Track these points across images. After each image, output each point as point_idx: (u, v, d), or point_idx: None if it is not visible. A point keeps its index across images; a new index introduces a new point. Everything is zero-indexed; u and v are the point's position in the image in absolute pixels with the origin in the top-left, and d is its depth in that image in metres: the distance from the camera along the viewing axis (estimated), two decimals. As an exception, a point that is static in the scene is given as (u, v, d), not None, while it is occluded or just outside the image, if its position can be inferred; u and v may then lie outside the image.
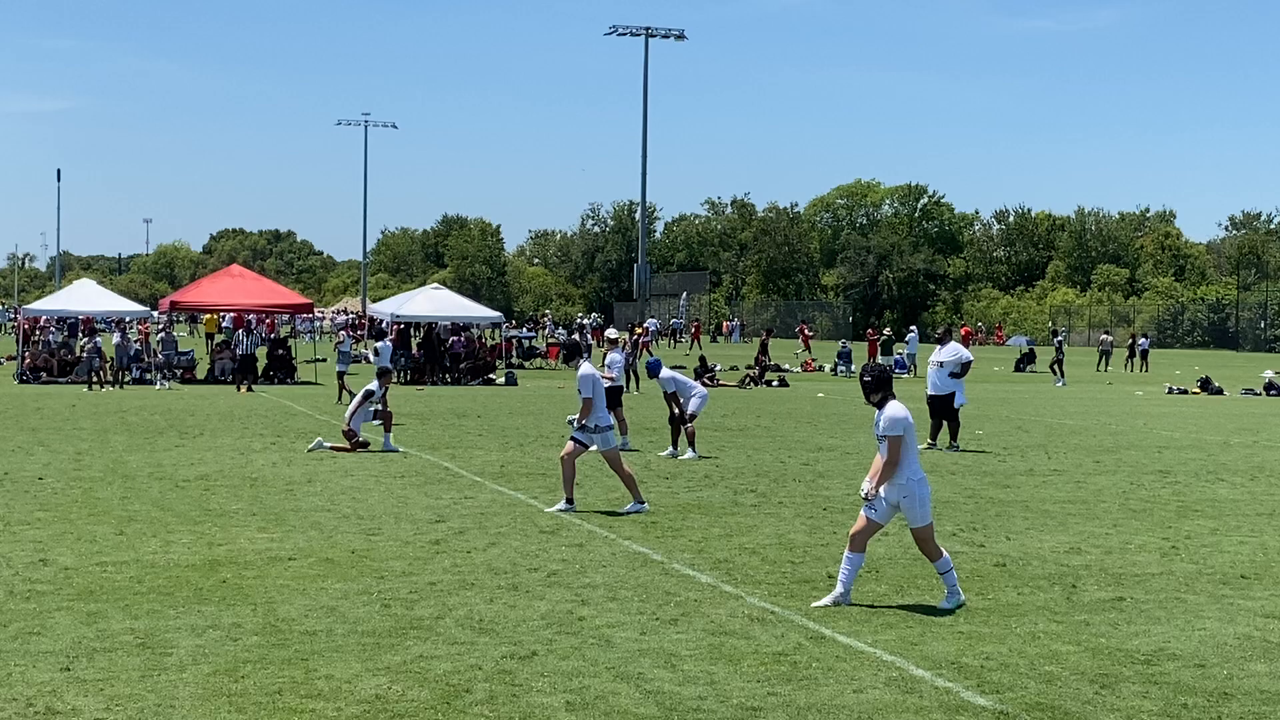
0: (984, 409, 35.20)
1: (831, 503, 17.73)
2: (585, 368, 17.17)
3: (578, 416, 16.85)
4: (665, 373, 23.45)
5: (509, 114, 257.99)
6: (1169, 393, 46.45)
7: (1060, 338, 59.90)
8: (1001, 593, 12.26)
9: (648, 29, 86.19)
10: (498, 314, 53.49)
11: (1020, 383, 52.93)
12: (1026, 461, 23.13)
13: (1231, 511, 17.64)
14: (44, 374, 42.84)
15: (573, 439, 16.80)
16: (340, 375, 35.82)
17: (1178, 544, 15.02)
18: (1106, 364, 64.94)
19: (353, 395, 35.18)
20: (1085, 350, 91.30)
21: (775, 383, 48.12)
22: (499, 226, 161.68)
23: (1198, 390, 47.01)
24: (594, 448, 16.95)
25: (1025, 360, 63.85)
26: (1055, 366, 53.21)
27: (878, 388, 11.82)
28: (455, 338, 48.60)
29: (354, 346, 41.18)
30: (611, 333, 28.78)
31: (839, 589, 11.58)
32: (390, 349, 33.71)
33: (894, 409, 11.60)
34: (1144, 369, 63.58)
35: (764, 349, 53.45)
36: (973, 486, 19.65)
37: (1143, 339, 68.40)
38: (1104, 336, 71.49)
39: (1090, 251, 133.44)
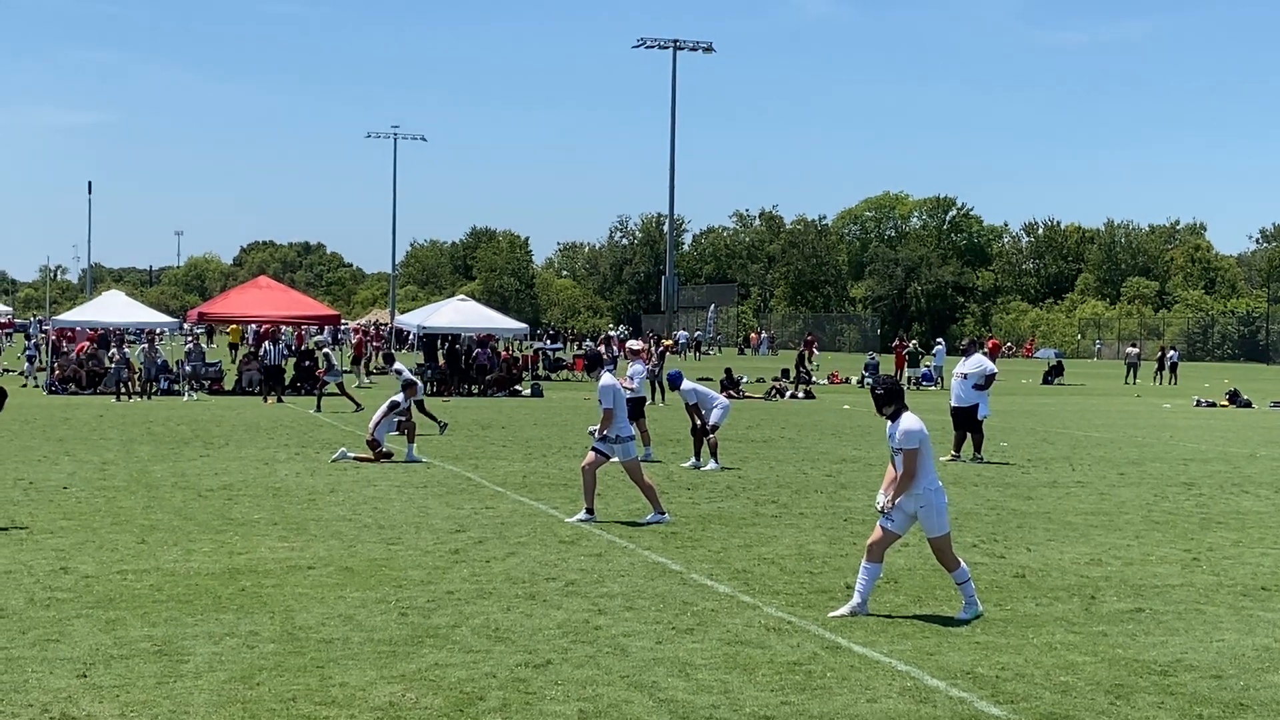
0: (1010, 421, 35.10)
1: (853, 514, 17.71)
2: (606, 378, 17.21)
3: (598, 427, 16.89)
4: (687, 384, 23.46)
5: (538, 126, 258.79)
6: (1197, 405, 46.23)
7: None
8: (1020, 604, 12.23)
9: (676, 42, 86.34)
10: (523, 325, 53.59)
11: (1048, 395, 52.75)
12: (1050, 473, 23.07)
13: (1255, 524, 17.56)
14: (72, 385, 43.06)
15: (594, 449, 16.83)
16: (340, 386, 37.28)
17: (1199, 556, 14.96)
18: (1134, 377, 64.69)
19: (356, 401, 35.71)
20: (1114, 364, 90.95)
21: (801, 395, 48.05)
22: (527, 239, 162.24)
23: (1226, 403, 46.78)
24: (615, 459, 16.98)
25: (1053, 373, 63.64)
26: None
27: (890, 400, 11.79)
28: (480, 349, 48.68)
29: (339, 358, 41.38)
30: (633, 344, 28.78)
31: (856, 599, 11.57)
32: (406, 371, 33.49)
33: (909, 421, 11.58)
34: (1173, 382, 63.30)
35: (803, 359, 52.09)
36: (995, 498, 19.61)
37: (1172, 352, 68.12)
38: (1130, 349, 71.24)
39: (1120, 264, 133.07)
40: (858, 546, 15.03)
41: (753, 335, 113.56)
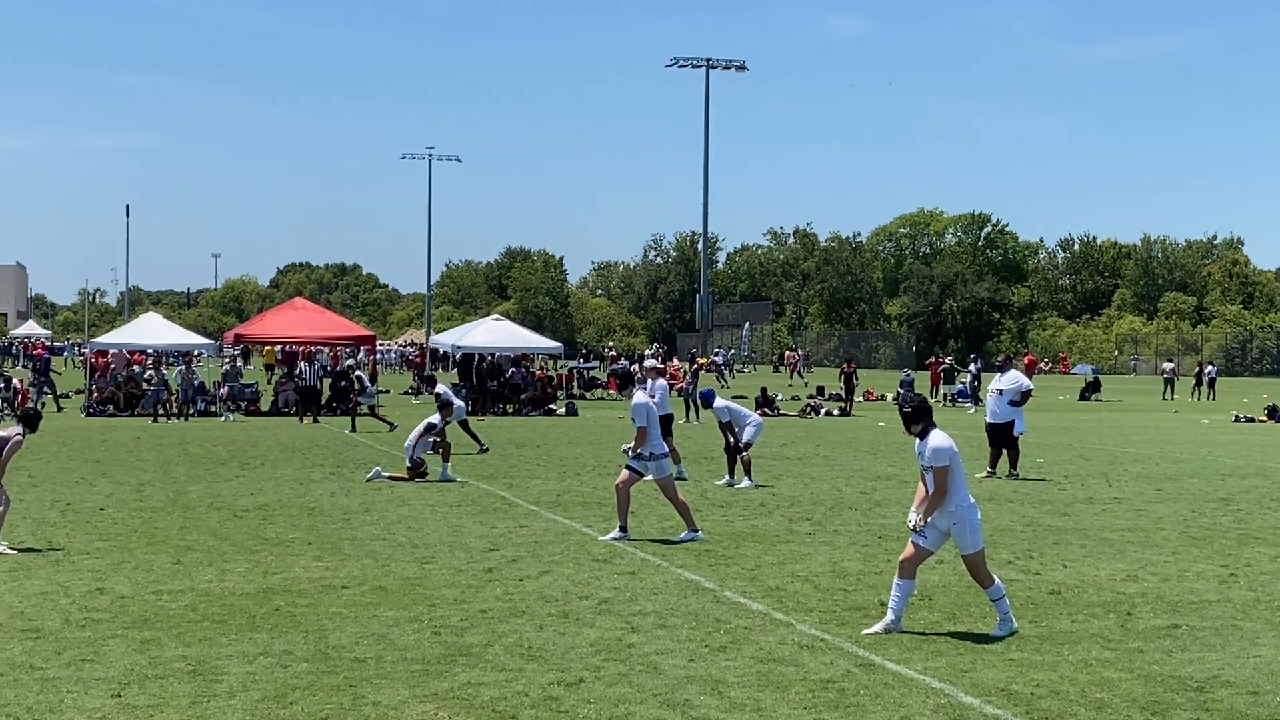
0: (1047, 437, 34.95)
1: (887, 531, 17.65)
2: (639, 396, 17.27)
3: (632, 445, 16.89)
4: (719, 402, 23.44)
5: (572, 146, 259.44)
6: (1235, 421, 45.94)
7: (979, 365, 59.24)
8: (1055, 620, 12.16)
9: (709, 60, 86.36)
10: (557, 345, 53.64)
11: (1085, 411, 52.51)
12: (1087, 490, 22.95)
13: (1294, 539, 17.42)
14: (110, 407, 43.30)
15: (628, 467, 16.83)
16: (371, 409, 37.81)
17: (1237, 571, 14.85)
18: (1172, 392, 64.35)
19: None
20: (1151, 379, 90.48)
21: (835, 412, 47.96)
22: (562, 258, 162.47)
23: (1265, 418, 46.45)
24: (649, 476, 16.97)
25: (1090, 389, 63.33)
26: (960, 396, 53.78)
27: (918, 418, 11.72)
28: (515, 369, 48.74)
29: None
30: (651, 361, 28.73)
31: (890, 616, 11.53)
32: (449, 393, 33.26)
33: (938, 439, 11.54)
34: (1211, 397, 62.94)
35: (850, 384, 50.70)
36: (1031, 514, 19.52)
37: (1210, 367, 67.72)
38: (1166, 365, 70.87)
39: (1157, 279, 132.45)
40: (891, 564, 14.97)
41: (788, 353, 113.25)
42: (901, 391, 54.35)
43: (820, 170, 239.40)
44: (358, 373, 39.69)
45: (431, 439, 23.68)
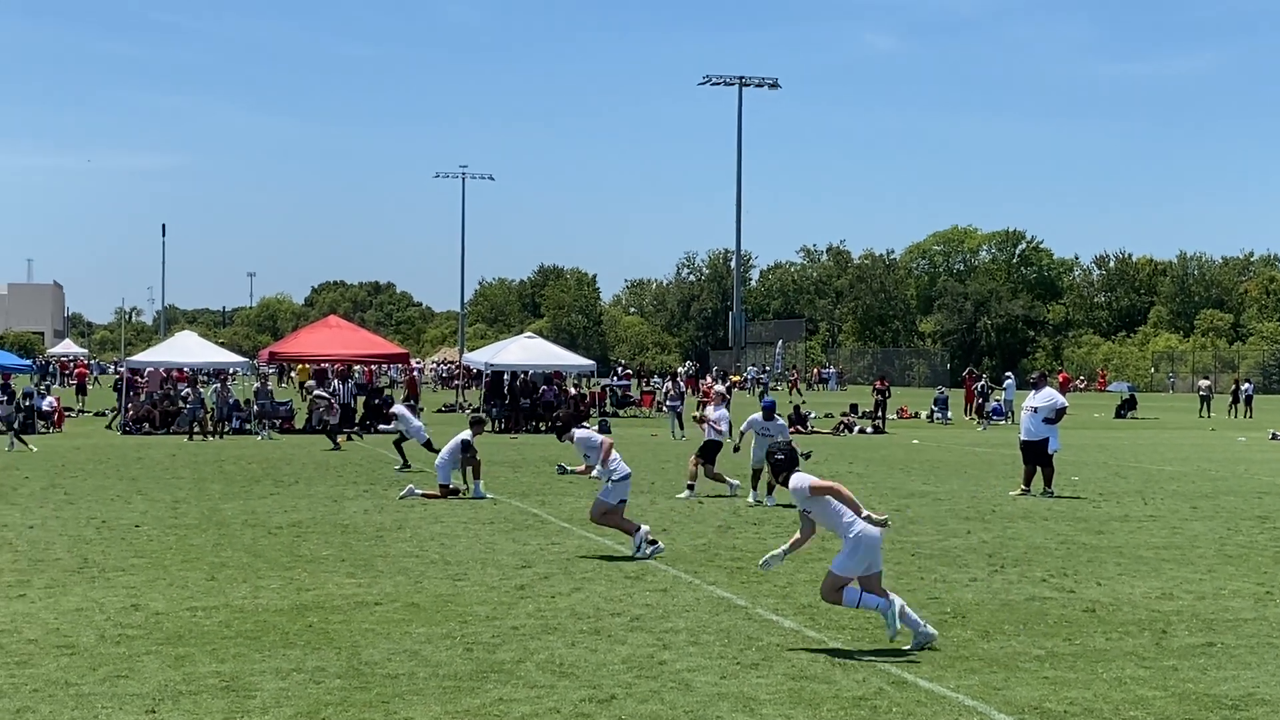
0: (1082, 455, 34.80)
1: (920, 548, 17.60)
2: (580, 432, 17.49)
3: (578, 468, 17.31)
4: (750, 419, 23.57)
5: (604, 164, 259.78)
6: (1272, 439, 45.63)
7: (982, 380, 58.86)
8: (1090, 638, 12.10)
9: (741, 78, 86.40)
10: (590, 362, 53.67)
11: (1121, 429, 52.27)
12: (1122, 507, 22.84)
13: (1331, 557, 17.29)
14: (146, 425, 43.53)
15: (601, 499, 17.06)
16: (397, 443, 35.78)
17: (1273, 589, 14.76)
18: (1208, 410, 64.00)
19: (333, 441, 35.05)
20: (1188, 397, 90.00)
21: (869, 429, 47.86)
22: (595, 276, 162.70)
23: (1302, 435, 46.14)
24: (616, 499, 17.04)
25: (1126, 406, 63.04)
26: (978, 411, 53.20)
27: (786, 467, 12.11)
28: (547, 387, 48.82)
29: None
30: (719, 388, 28.55)
31: (920, 631, 11.47)
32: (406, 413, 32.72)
33: (797, 480, 11.88)
34: (1248, 415, 62.59)
35: (882, 402, 50.65)
36: (1065, 532, 19.43)
37: (1246, 385, 67.35)
38: (1202, 382, 70.51)
39: (1193, 296, 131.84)
40: (925, 581, 14.97)
41: (813, 370, 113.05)
42: (936, 409, 54.44)
43: (853, 187, 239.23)
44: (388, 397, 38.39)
45: (462, 456, 23.73)
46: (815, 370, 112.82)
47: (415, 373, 67.93)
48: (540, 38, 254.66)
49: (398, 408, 31.40)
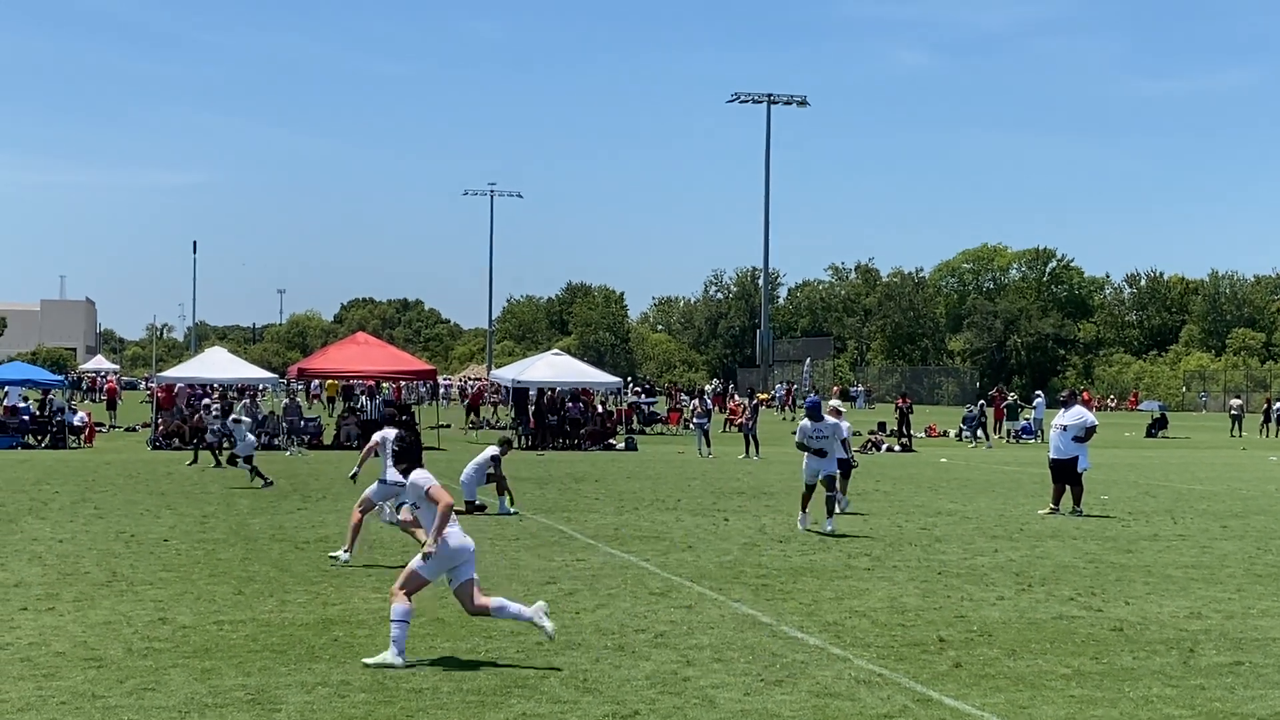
0: (1112, 474, 34.65)
1: (947, 567, 17.55)
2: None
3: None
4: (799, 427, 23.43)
5: (633, 181, 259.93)
6: (1304, 458, 45.38)
7: (982, 401, 58.47)
8: (1117, 657, 12.05)
9: (770, 96, 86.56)
10: (617, 380, 53.68)
11: (1151, 448, 52.04)
12: (1151, 526, 22.73)
13: (1361, 577, 17.18)
14: (176, 441, 43.69)
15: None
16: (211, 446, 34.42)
17: (1302, 609, 14.67)
18: (1240, 429, 63.67)
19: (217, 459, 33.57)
20: (1220, 416, 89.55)
21: (897, 448, 47.75)
22: (623, 294, 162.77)
23: (1334, 455, 45.86)
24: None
25: (1157, 425, 62.75)
26: (980, 430, 52.46)
27: (404, 458, 12.25)
28: (573, 404, 48.85)
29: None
30: (835, 403, 28.19)
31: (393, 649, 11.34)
32: (249, 422, 32.35)
33: (418, 476, 12.01)
34: None
35: (905, 419, 50.39)
36: (1094, 551, 19.35)
37: (1278, 404, 66.95)
38: (1234, 401, 70.12)
39: (1225, 315, 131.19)
40: (951, 600, 14.93)
41: (834, 389, 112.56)
42: (965, 428, 54.24)
43: (882, 205, 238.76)
44: (234, 416, 33.55)
45: (487, 471, 23.77)
46: (836, 389, 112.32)
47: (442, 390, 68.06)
48: (569, 56, 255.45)
49: (239, 418, 30.89)
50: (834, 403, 28.50)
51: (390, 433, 19.35)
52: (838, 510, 22.00)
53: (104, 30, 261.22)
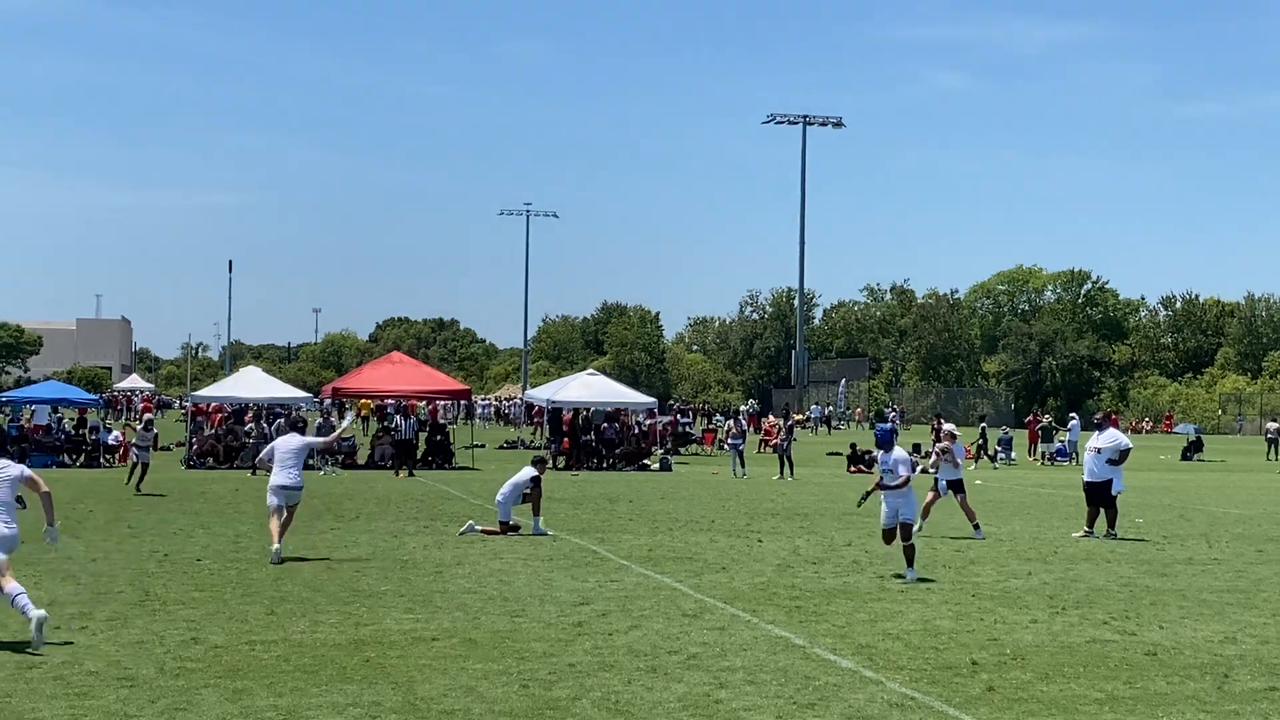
0: (1147, 497, 34.45)
1: (981, 590, 17.47)
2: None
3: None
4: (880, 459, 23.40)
5: (668, 202, 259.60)
6: (1342, 481, 45.03)
7: (984, 423, 58.03)
8: (1150, 682, 11.98)
9: (805, 117, 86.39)
10: (652, 400, 53.67)
11: (1186, 471, 51.73)
12: (1186, 550, 22.59)
13: (1400, 602, 17.03)
14: (210, 460, 43.89)
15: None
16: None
17: (1340, 635, 14.55)
18: (1276, 453, 63.20)
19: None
20: (1256, 440, 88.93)
21: (932, 470, 47.52)
22: (658, 314, 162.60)
23: (1373, 479, 45.50)
24: None
25: (1193, 448, 62.35)
26: (983, 452, 52.07)
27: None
28: (608, 424, 48.86)
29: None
30: (949, 427, 28.12)
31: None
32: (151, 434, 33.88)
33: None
34: (1317, 457, 61.72)
35: (939, 437, 50.30)
36: (1128, 574, 19.23)
37: (1316, 427, 66.37)
38: (1270, 424, 69.57)
39: (1261, 338, 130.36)
40: (985, 622, 14.86)
41: (857, 411, 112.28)
42: (1000, 450, 54.03)
43: (917, 226, 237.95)
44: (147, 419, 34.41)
45: (523, 491, 23.78)
46: (858, 411, 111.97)
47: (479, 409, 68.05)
48: (604, 76, 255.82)
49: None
50: (948, 427, 28.15)
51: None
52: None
53: (141, 53, 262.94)
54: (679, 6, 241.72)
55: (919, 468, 22.47)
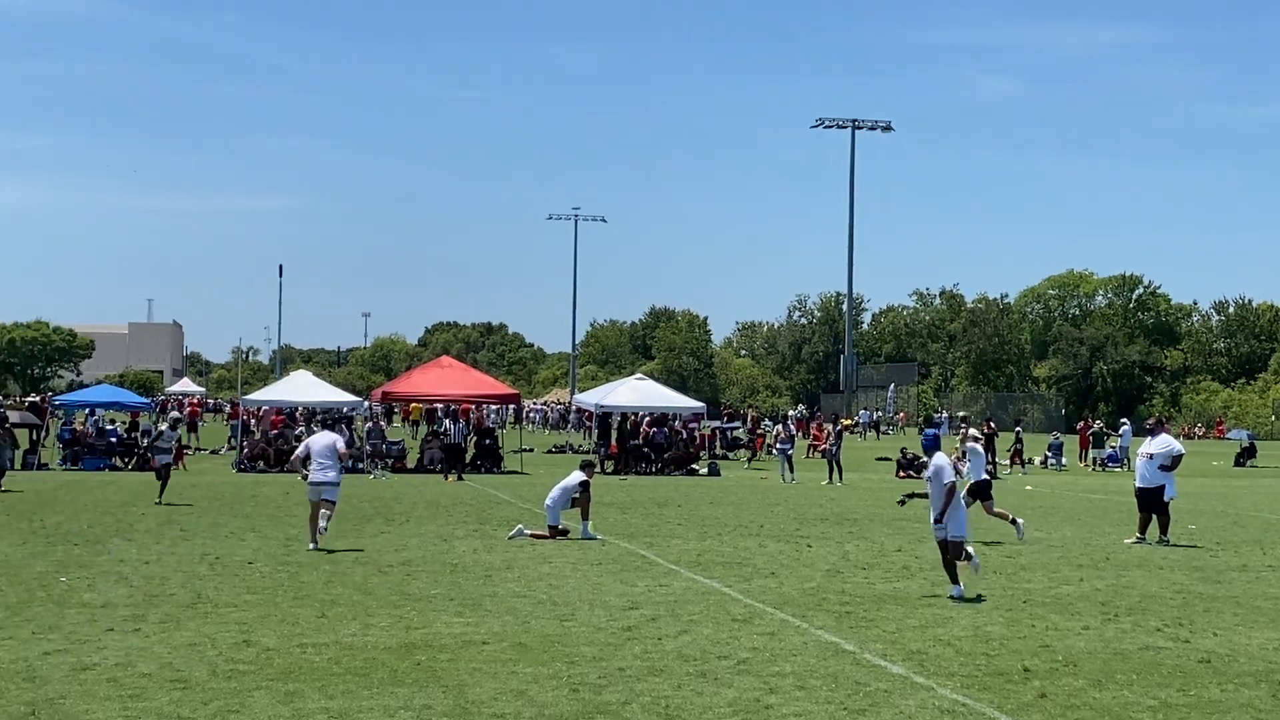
0: (1200, 504, 34.18)
1: (1032, 595, 17.36)
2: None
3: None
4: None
5: (716, 206, 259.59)
6: (1398, 488, 44.55)
7: (1020, 426, 57.42)
8: (1205, 689, 11.87)
9: (854, 121, 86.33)
10: (700, 404, 53.63)
11: (1240, 478, 51.29)
12: (1240, 557, 22.39)
13: None
14: (261, 464, 44.13)
15: None
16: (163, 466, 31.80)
17: (1397, 643, 14.38)
18: (1332, 458, 62.66)
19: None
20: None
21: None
22: (706, 318, 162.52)
23: None
24: None
25: (1246, 454, 61.84)
26: (1016, 457, 51.32)
27: None
28: (657, 429, 48.85)
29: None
30: (974, 430, 28.10)
31: None
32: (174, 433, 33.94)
33: None
34: (1372, 463, 61.12)
35: (990, 446, 49.93)
36: (1181, 581, 19.07)
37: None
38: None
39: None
40: (1036, 629, 14.77)
41: (900, 415, 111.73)
42: (1050, 455, 53.70)
43: (967, 230, 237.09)
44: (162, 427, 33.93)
45: (572, 496, 23.80)
46: (903, 416, 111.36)
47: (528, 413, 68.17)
48: (654, 81, 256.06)
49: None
50: (972, 431, 27.94)
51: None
52: (972, 573, 18.12)
53: (191, 58, 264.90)
54: (728, 11, 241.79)
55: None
